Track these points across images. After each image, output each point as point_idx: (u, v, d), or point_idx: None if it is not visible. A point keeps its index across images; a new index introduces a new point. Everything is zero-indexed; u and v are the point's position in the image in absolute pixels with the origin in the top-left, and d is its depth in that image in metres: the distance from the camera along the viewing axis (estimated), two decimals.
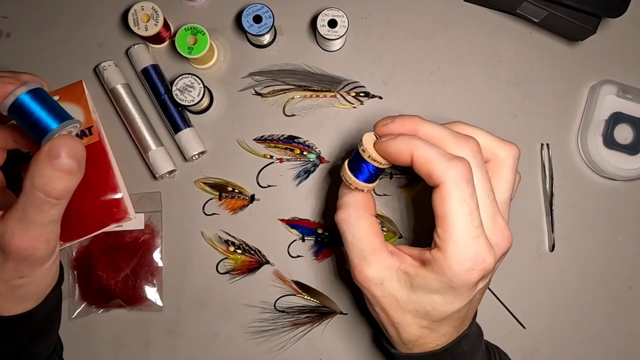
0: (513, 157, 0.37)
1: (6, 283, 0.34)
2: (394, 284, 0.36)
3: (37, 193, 0.31)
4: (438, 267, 0.34)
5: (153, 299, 0.52)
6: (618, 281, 0.54)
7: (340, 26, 0.50)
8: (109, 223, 0.50)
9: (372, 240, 0.37)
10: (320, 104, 0.54)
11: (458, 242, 0.33)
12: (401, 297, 0.36)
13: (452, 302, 0.35)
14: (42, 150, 0.31)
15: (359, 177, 0.38)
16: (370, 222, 0.38)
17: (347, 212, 0.38)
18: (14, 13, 0.55)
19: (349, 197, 0.39)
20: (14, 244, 0.32)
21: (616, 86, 0.53)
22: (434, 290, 0.35)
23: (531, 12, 0.52)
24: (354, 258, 0.38)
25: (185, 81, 0.50)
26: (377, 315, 0.39)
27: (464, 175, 0.33)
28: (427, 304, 0.35)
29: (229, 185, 0.53)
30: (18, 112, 0.33)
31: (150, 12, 0.51)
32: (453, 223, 0.33)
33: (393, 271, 0.36)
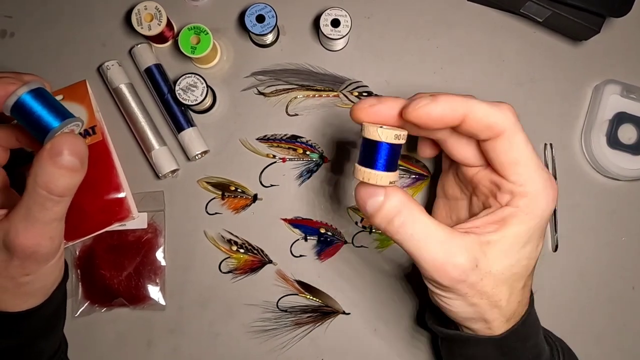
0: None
1: (12, 280, 0.34)
2: (486, 259, 0.33)
3: (40, 191, 0.31)
4: (527, 213, 0.33)
5: (156, 298, 0.52)
6: (621, 281, 0.53)
7: (343, 26, 0.50)
8: (112, 222, 0.50)
9: (442, 228, 0.33)
10: (323, 104, 0.54)
11: (536, 180, 0.33)
12: (497, 269, 0.34)
13: (539, 243, 0.35)
14: (44, 148, 0.31)
15: (378, 168, 0.32)
16: (424, 214, 0.34)
17: (401, 216, 0.33)
18: (18, 12, 0.56)
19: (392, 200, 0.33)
20: (18, 241, 0.32)
21: (620, 86, 0.53)
22: (525, 241, 0.34)
23: (535, 11, 0.52)
24: (437, 257, 0.33)
25: (189, 81, 0.50)
26: (471, 308, 0.35)
27: (517, 118, 0.33)
28: (523, 259, 0.35)
29: (232, 185, 0.53)
30: (20, 111, 0.33)
31: (153, 11, 0.51)
32: (527, 164, 0.33)
33: (478, 247, 0.33)
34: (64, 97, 0.51)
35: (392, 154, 0.32)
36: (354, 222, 0.53)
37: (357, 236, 0.53)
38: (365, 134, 0.33)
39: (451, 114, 0.32)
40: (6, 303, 0.36)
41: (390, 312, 0.52)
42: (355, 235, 0.53)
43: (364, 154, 0.33)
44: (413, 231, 0.33)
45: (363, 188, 0.34)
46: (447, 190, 0.43)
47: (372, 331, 0.52)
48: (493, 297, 0.35)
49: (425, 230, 0.33)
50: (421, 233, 0.33)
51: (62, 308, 0.43)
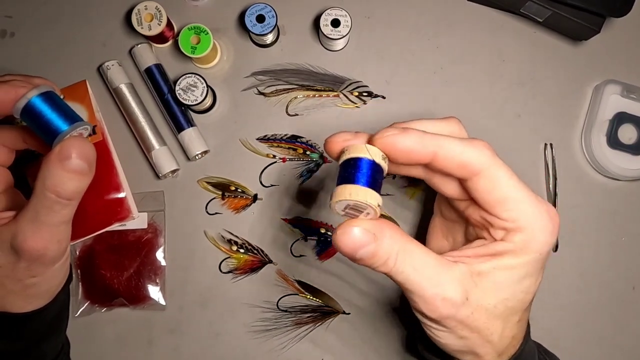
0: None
1: (19, 282, 0.34)
2: (477, 291, 0.31)
3: (48, 194, 0.31)
4: (523, 248, 0.31)
5: (156, 298, 0.52)
6: (622, 282, 0.53)
7: (343, 25, 0.50)
8: (112, 222, 0.50)
9: (432, 260, 0.31)
10: (323, 104, 0.54)
11: (531, 214, 0.31)
12: (489, 303, 0.32)
13: (538, 277, 0.33)
14: (52, 152, 0.32)
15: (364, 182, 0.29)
16: (415, 244, 0.32)
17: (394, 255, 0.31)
18: (18, 13, 0.56)
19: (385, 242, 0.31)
20: (26, 244, 0.32)
21: (620, 86, 0.53)
22: (522, 275, 0.32)
23: (535, 11, 0.52)
24: (426, 290, 0.31)
25: (189, 80, 0.50)
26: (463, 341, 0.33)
27: (493, 152, 0.31)
28: (519, 294, 0.33)
29: (232, 185, 0.53)
30: (30, 114, 0.33)
31: (153, 11, 0.51)
32: (516, 200, 0.31)
33: (469, 278, 0.31)
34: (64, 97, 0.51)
35: (378, 176, 0.30)
36: None
37: None
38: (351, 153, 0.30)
39: (418, 150, 0.30)
40: (12, 305, 0.36)
41: (391, 312, 0.52)
42: None
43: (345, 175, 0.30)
44: (405, 267, 0.31)
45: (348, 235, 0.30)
46: (444, 212, 0.41)
47: (372, 331, 0.52)
48: (484, 332, 0.33)
49: (415, 264, 0.31)
50: (411, 267, 0.31)
51: (66, 309, 0.43)
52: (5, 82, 0.34)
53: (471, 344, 0.33)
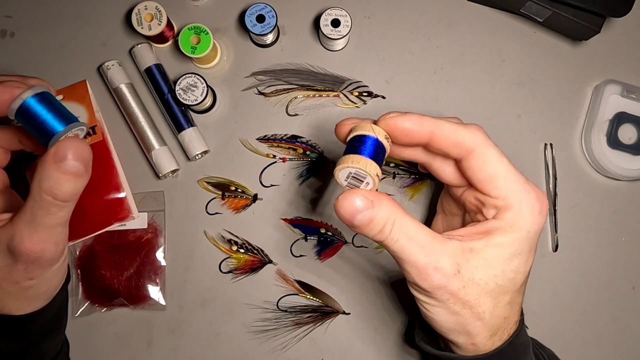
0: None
1: (16, 284, 0.34)
2: (469, 266, 0.33)
3: (44, 196, 0.31)
4: (511, 225, 0.33)
5: (156, 298, 0.52)
6: (622, 281, 0.53)
7: (343, 25, 0.50)
8: (112, 222, 0.50)
9: (426, 233, 0.33)
10: (323, 104, 0.54)
11: (519, 192, 0.33)
12: (480, 279, 0.33)
13: (528, 258, 0.35)
14: (48, 153, 0.31)
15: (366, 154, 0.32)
16: (410, 216, 0.34)
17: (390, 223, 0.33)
18: (18, 12, 0.56)
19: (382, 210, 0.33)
20: (23, 247, 0.32)
21: (620, 86, 0.53)
22: (512, 253, 0.34)
23: (535, 11, 0.52)
24: (419, 260, 0.33)
25: (189, 80, 0.50)
26: (453, 317, 0.34)
27: (486, 135, 0.34)
28: (509, 271, 0.34)
29: (232, 185, 0.53)
30: (25, 115, 0.33)
31: (153, 11, 0.51)
32: (505, 177, 0.33)
33: (461, 253, 0.33)
34: (64, 97, 0.51)
35: (380, 152, 0.33)
36: None
37: (357, 236, 0.53)
38: (357, 131, 0.33)
39: (418, 129, 0.33)
40: (10, 307, 0.36)
41: (390, 312, 0.52)
42: (355, 235, 0.53)
43: (350, 148, 0.33)
44: (400, 235, 0.33)
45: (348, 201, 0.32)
46: (445, 206, 0.44)
47: (372, 331, 0.52)
48: (476, 308, 0.34)
49: (410, 234, 0.33)
50: (406, 237, 0.33)
51: (64, 309, 0.43)
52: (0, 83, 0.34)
53: (463, 320, 0.34)
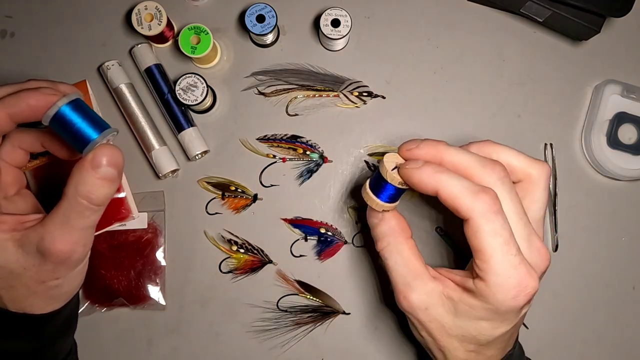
0: (545, 176, 0.37)
1: (42, 284, 0.35)
2: (439, 309, 0.36)
3: (80, 200, 0.33)
4: (482, 296, 0.34)
5: (156, 298, 0.52)
6: (622, 281, 0.53)
7: (344, 25, 0.50)
8: (112, 222, 0.50)
9: (414, 265, 0.37)
10: (323, 104, 0.54)
11: (499, 273, 0.33)
12: (446, 323, 0.36)
13: (498, 327, 0.35)
14: (85, 159, 0.33)
15: (380, 197, 0.37)
16: (409, 246, 0.38)
17: (386, 240, 0.39)
18: (18, 13, 0.56)
19: (384, 226, 0.39)
20: (54, 247, 0.33)
21: (620, 86, 0.53)
22: (479, 317, 0.35)
23: (535, 11, 0.52)
24: (398, 284, 0.37)
25: (189, 80, 0.50)
26: (422, 340, 0.39)
27: (492, 207, 0.32)
28: (473, 329, 0.36)
29: (232, 185, 0.53)
30: (60, 122, 0.33)
31: (153, 11, 0.51)
32: (490, 255, 0.33)
33: (437, 296, 0.36)
34: None
35: (394, 193, 0.37)
36: (354, 222, 0.53)
37: (357, 236, 0.53)
38: (380, 168, 0.37)
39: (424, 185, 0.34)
40: (32, 306, 0.36)
41: (390, 312, 0.52)
42: (355, 235, 0.53)
43: (374, 180, 0.38)
44: (390, 255, 0.38)
45: (368, 209, 0.40)
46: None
47: (372, 331, 0.52)
48: (438, 342, 0.37)
49: (399, 259, 0.38)
50: (394, 259, 0.38)
51: (77, 308, 0.44)
52: (34, 90, 0.34)
53: (429, 345, 0.38)
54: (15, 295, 0.35)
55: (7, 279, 0.34)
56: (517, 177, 0.37)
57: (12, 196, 0.39)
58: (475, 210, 0.32)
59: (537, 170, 0.37)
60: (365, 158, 0.54)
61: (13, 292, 0.35)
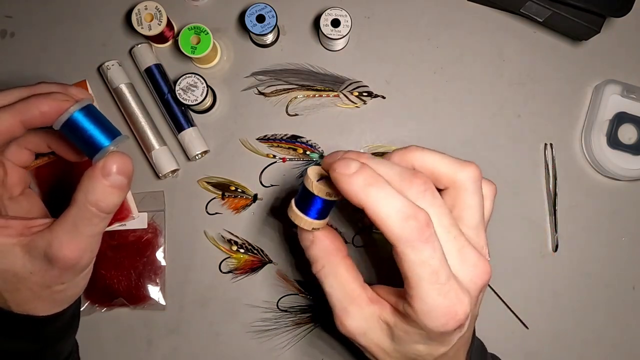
0: (473, 179, 0.34)
1: (48, 288, 0.35)
2: (377, 333, 0.35)
3: (90, 208, 0.33)
4: (412, 321, 0.32)
5: (156, 298, 0.52)
6: (622, 281, 0.53)
7: (344, 26, 0.50)
8: (112, 222, 0.50)
9: (350, 288, 0.35)
10: (323, 104, 0.54)
11: (426, 302, 0.31)
12: (386, 347, 0.35)
13: (436, 349, 0.34)
14: (96, 167, 0.32)
15: (309, 214, 0.34)
16: (346, 267, 0.36)
17: (320, 263, 0.36)
18: (18, 13, 0.56)
19: (316, 248, 0.37)
20: (62, 253, 0.33)
21: (620, 86, 0.53)
22: (415, 341, 0.33)
23: (535, 11, 0.52)
24: (335, 309, 0.36)
25: (189, 80, 0.50)
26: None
27: (420, 235, 0.30)
28: (411, 354, 0.34)
29: (232, 185, 0.53)
30: (71, 128, 0.33)
31: (153, 11, 0.51)
32: (417, 283, 0.30)
33: (374, 321, 0.35)
34: None
35: (322, 207, 0.34)
36: (354, 222, 0.53)
37: (357, 236, 0.53)
38: (305, 181, 0.34)
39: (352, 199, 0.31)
40: (36, 308, 0.36)
41: None
42: (355, 235, 0.53)
43: (299, 196, 0.35)
44: (326, 279, 0.36)
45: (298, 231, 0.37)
46: None
47: None
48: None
49: (335, 283, 0.36)
50: (330, 283, 0.36)
51: (79, 309, 0.44)
52: (46, 96, 0.34)
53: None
54: (20, 298, 0.35)
55: (13, 282, 0.34)
56: (444, 184, 0.35)
57: (17, 196, 0.39)
58: (402, 239, 0.30)
59: (464, 174, 0.34)
60: None
61: (18, 295, 0.35)
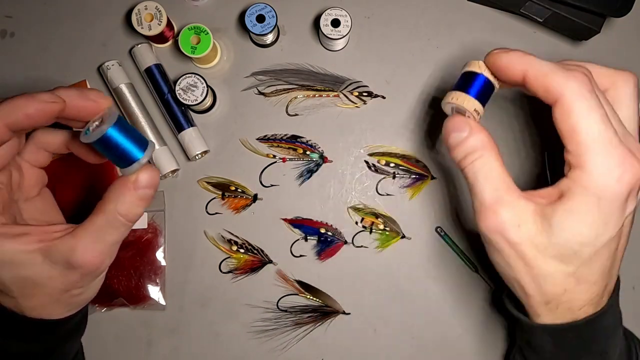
0: (633, 83, 0.35)
1: (65, 293, 0.36)
2: (531, 227, 0.32)
3: (119, 217, 0.33)
4: (581, 187, 0.30)
5: (156, 298, 0.52)
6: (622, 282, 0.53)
7: (344, 26, 0.50)
8: None
9: (506, 179, 0.34)
10: (323, 104, 0.54)
11: (598, 152, 0.30)
12: (541, 242, 0.32)
13: (602, 232, 0.31)
14: (129, 180, 0.33)
15: (470, 93, 0.35)
16: (500, 161, 0.34)
17: (475, 155, 0.34)
18: (18, 12, 0.56)
19: (474, 138, 0.34)
20: (85, 259, 0.33)
21: None
22: (580, 222, 0.31)
23: (535, 11, 0.52)
24: (486, 199, 0.33)
25: (189, 80, 0.50)
26: (510, 270, 0.34)
27: (586, 85, 0.30)
28: (573, 242, 0.32)
29: (232, 185, 0.53)
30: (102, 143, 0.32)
31: (153, 11, 0.51)
32: (587, 133, 0.30)
33: (529, 214, 0.33)
34: None
35: (484, 88, 0.35)
36: (354, 222, 0.53)
37: (357, 236, 0.53)
38: (468, 67, 0.36)
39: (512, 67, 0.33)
40: (51, 312, 0.37)
41: (390, 312, 0.52)
42: (355, 235, 0.53)
43: (459, 83, 0.36)
44: (480, 170, 0.34)
45: (451, 120, 0.35)
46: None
47: (372, 331, 0.52)
48: (530, 267, 0.33)
49: (491, 173, 0.34)
50: (484, 174, 0.34)
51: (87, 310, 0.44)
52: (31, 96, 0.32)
53: (518, 276, 0.34)
54: (36, 303, 0.35)
55: (30, 288, 0.34)
56: (603, 85, 0.35)
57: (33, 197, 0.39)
58: (567, 88, 0.30)
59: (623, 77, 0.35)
60: (365, 158, 0.54)
61: (34, 300, 0.35)
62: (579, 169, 0.31)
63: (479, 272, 0.52)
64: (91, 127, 0.33)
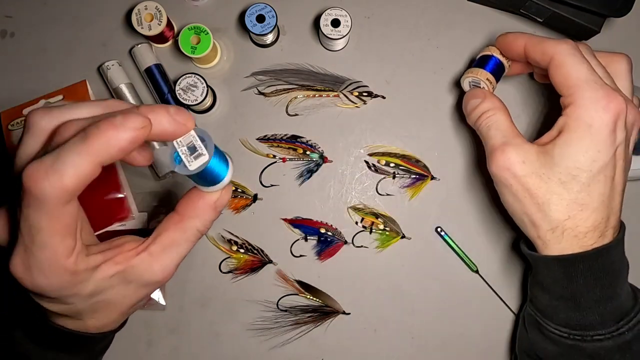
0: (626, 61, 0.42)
1: (133, 307, 0.36)
2: (535, 162, 0.39)
3: (198, 234, 0.34)
4: (573, 119, 0.37)
5: (156, 297, 0.52)
6: None
7: (344, 26, 0.50)
8: (112, 222, 0.50)
9: (514, 130, 0.41)
10: (323, 104, 0.54)
11: (586, 88, 0.37)
12: (544, 173, 0.39)
13: (596, 158, 0.37)
14: (211, 199, 0.33)
15: (486, 68, 0.45)
16: (511, 119, 0.42)
17: (489, 112, 0.42)
18: (18, 13, 0.56)
19: (488, 102, 0.43)
20: (164, 276, 0.34)
21: None
22: (576, 149, 0.37)
23: (535, 11, 0.52)
24: (496, 143, 0.41)
25: (189, 80, 0.50)
26: (519, 204, 0.40)
27: (573, 47, 0.39)
28: (572, 168, 0.38)
29: (232, 185, 0.53)
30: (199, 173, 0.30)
31: (153, 11, 0.51)
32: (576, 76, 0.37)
33: (533, 153, 0.39)
34: (64, 97, 0.51)
35: (496, 67, 0.45)
36: (354, 222, 0.53)
37: (357, 236, 0.53)
38: (482, 53, 0.46)
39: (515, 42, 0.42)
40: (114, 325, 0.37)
41: (390, 312, 0.52)
42: (355, 235, 0.53)
43: (476, 63, 0.46)
44: (493, 123, 0.42)
45: (470, 92, 0.45)
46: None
47: (372, 331, 0.52)
48: (536, 198, 0.39)
49: (502, 124, 0.42)
50: (495, 126, 0.42)
51: None
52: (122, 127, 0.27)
53: (527, 210, 0.40)
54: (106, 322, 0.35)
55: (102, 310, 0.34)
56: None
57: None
58: (559, 48, 0.38)
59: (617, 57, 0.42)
60: (365, 158, 0.54)
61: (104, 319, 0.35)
62: (571, 105, 0.38)
63: (479, 272, 0.52)
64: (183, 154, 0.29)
